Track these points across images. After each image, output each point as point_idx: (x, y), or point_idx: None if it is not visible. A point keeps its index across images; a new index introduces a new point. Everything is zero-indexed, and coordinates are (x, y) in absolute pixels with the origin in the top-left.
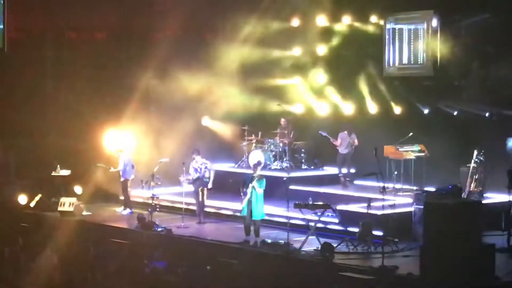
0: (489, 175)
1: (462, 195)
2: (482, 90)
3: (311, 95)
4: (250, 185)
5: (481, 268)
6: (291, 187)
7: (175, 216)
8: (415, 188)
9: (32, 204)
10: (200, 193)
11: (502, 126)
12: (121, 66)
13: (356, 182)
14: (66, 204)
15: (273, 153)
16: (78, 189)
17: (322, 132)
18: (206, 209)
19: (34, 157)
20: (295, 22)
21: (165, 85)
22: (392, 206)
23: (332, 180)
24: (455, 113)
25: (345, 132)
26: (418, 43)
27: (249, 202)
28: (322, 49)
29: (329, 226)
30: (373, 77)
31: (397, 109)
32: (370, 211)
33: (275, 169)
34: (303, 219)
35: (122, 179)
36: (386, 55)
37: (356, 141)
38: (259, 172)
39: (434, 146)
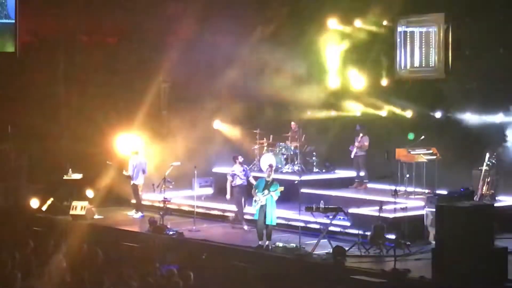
0: (501, 178)
1: (474, 198)
2: (494, 92)
3: (322, 98)
4: (266, 191)
5: (493, 272)
6: (303, 190)
7: (187, 219)
8: (427, 191)
9: (44, 208)
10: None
11: None
12: (133, 70)
13: (368, 185)
14: (78, 207)
15: (285, 156)
16: (90, 193)
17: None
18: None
19: (46, 161)
20: (306, 25)
21: (177, 88)
22: (404, 209)
23: (343, 183)
24: (467, 115)
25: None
26: (429, 46)
27: (262, 206)
28: (333, 52)
29: (340, 229)
30: (385, 80)
31: (409, 112)
32: (382, 214)
33: (287, 172)
34: (314, 222)
35: (132, 183)
36: (398, 58)
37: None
38: (272, 176)
39: (446, 149)
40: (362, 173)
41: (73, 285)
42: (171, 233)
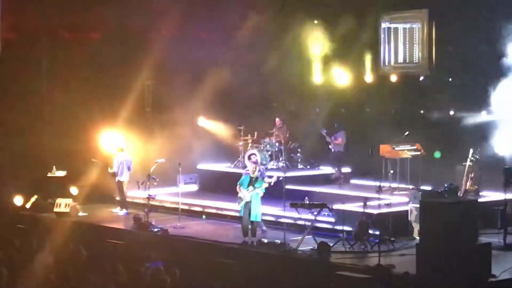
0: (485, 174)
1: (458, 194)
2: (477, 89)
3: (306, 94)
4: (251, 187)
5: (477, 267)
6: (287, 186)
7: (172, 216)
8: (411, 187)
9: (28, 205)
10: None
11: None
12: (116, 66)
13: (352, 181)
14: (62, 205)
15: (269, 152)
16: (74, 190)
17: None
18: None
19: (30, 158)
20: (290, 21)
21: (161, 85)
22: (388, 205)
23: (328, 179)
24: (451, 111)
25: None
26: (413, 42)
27: (247, 203)
28: (317, 48)
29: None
30: (369, 76)
31: (393, 108)
32: (366, 210)
33: (271, 169)
34: (299, 219)
35: (116, 180)
36: (382, 54)
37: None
38: (257, 173)
39: (429, 145)
40: (343, 169)
41: (58, 283)
42: (155, 230)
